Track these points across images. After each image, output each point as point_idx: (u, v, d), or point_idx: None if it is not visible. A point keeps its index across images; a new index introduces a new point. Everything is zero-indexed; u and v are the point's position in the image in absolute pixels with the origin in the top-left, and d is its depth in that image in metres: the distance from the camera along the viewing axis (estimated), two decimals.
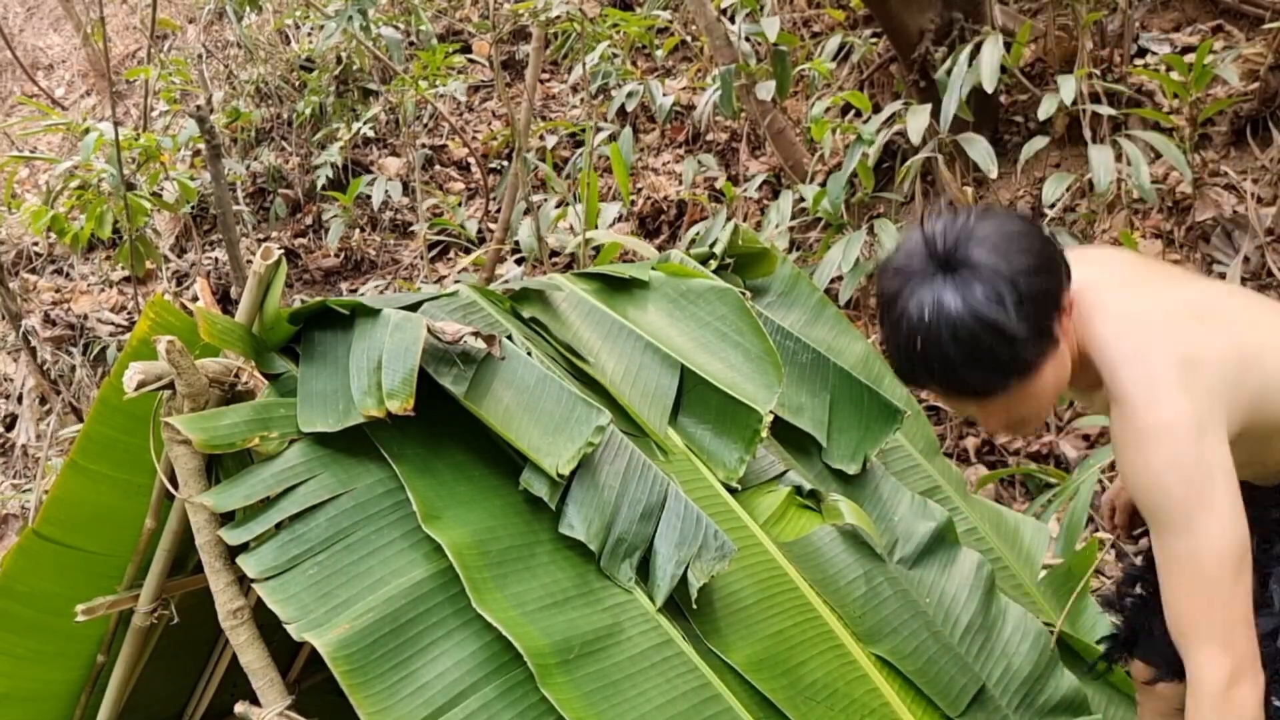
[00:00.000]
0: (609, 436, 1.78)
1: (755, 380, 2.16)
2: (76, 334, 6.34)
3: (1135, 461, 1.36)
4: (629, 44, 6.56)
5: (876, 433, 2.35)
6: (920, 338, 1.34)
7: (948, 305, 1.32)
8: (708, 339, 2.30)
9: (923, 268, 1.35)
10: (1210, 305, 1.51)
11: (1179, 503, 1.34)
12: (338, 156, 6.85)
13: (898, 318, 1.37)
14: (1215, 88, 4.35)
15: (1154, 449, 1.34)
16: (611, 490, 1.74)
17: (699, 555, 1.71)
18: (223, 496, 1.57)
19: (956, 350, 1.33)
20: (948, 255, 1.34)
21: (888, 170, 4.85)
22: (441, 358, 1.78)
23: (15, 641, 1.97)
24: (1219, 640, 1.33)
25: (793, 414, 2.35)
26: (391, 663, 1.46)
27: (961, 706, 1.92)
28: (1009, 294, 1.30)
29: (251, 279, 1.70)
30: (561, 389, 1.78)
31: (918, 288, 1.35)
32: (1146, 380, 1.36)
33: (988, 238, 1.34)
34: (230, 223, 4.78)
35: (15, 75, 9.78)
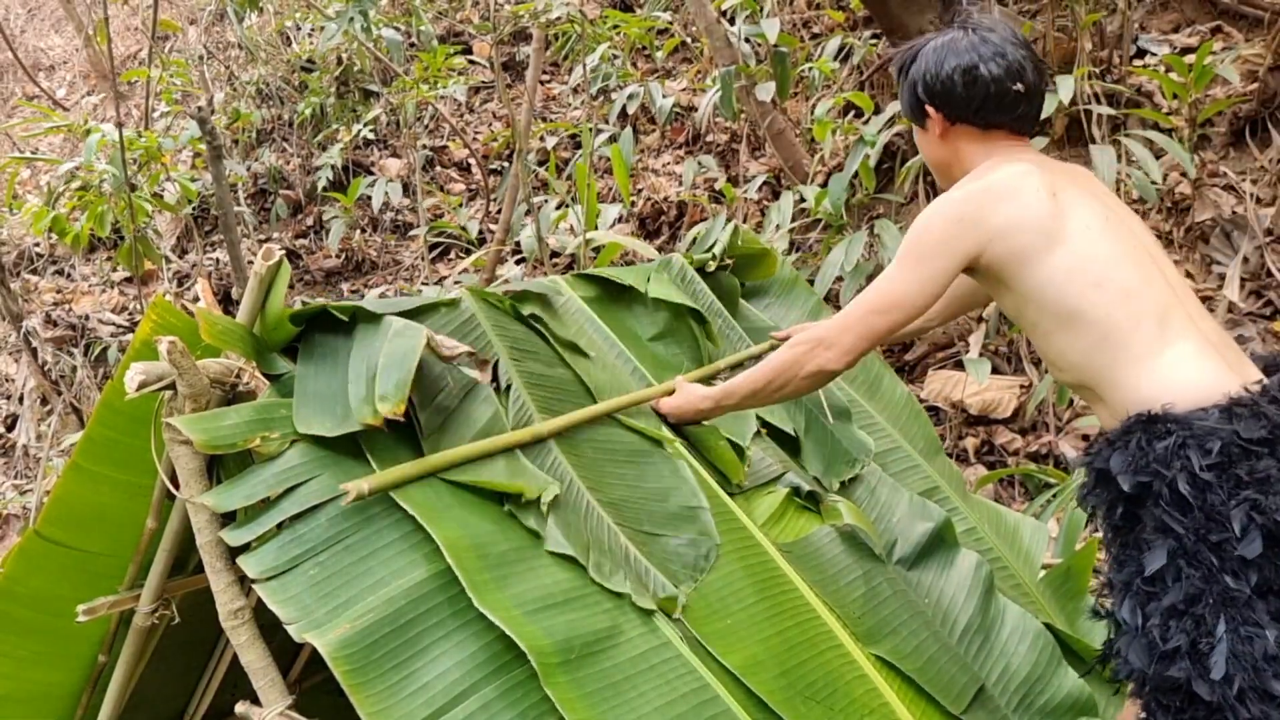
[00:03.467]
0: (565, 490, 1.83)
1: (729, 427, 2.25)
2: (78, 334, 6.35)
3: (925, 210, 1.81)
4: (629, 45, 6.57)
5: (838, 470, 2.39)
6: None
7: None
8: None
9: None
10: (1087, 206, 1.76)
11: (902, 248, 1.81)
12: (338, 158, 6.86)
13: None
14: (1214, 88, 4.35)
15: (926, 213, 1.81)
16: (577, 529, 1.76)
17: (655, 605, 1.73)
18: (224, 497, 1.58)
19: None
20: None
21: (888, 171, 4.85)
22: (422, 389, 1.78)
23: (16, 643, 1.98)
24: (839, 326, 1.85)
25: (779, 422, 2.38)
26: (392, 663, 1.47)
27: (964, 704, 1.92)
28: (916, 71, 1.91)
29: (253, 280, 1.70)
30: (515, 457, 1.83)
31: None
32: (966, 181, 1.82)
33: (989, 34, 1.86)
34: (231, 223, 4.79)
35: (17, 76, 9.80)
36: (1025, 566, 2.52)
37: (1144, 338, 1.63)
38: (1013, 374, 4.25)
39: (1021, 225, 1.71)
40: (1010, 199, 1.72)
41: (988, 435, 4.09)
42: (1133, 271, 1.68)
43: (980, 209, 1.74)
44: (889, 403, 2.77)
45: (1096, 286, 1.66)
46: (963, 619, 2.08)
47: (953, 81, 1.83)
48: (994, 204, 1.73)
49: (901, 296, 1.79)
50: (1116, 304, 1.65)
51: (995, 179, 1.76)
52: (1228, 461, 1.51)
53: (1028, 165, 1.78)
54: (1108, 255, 1.69)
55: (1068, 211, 1.71)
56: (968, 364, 3.84)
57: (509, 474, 1.77)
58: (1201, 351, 1.63)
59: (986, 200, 1.74)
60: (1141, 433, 1.58)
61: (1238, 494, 1.49)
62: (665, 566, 1.80)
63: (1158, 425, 1.57)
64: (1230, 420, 1.54)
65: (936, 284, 1.78)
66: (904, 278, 1.79)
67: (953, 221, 1.75)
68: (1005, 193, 1.73)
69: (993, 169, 1.80)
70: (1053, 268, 1.69)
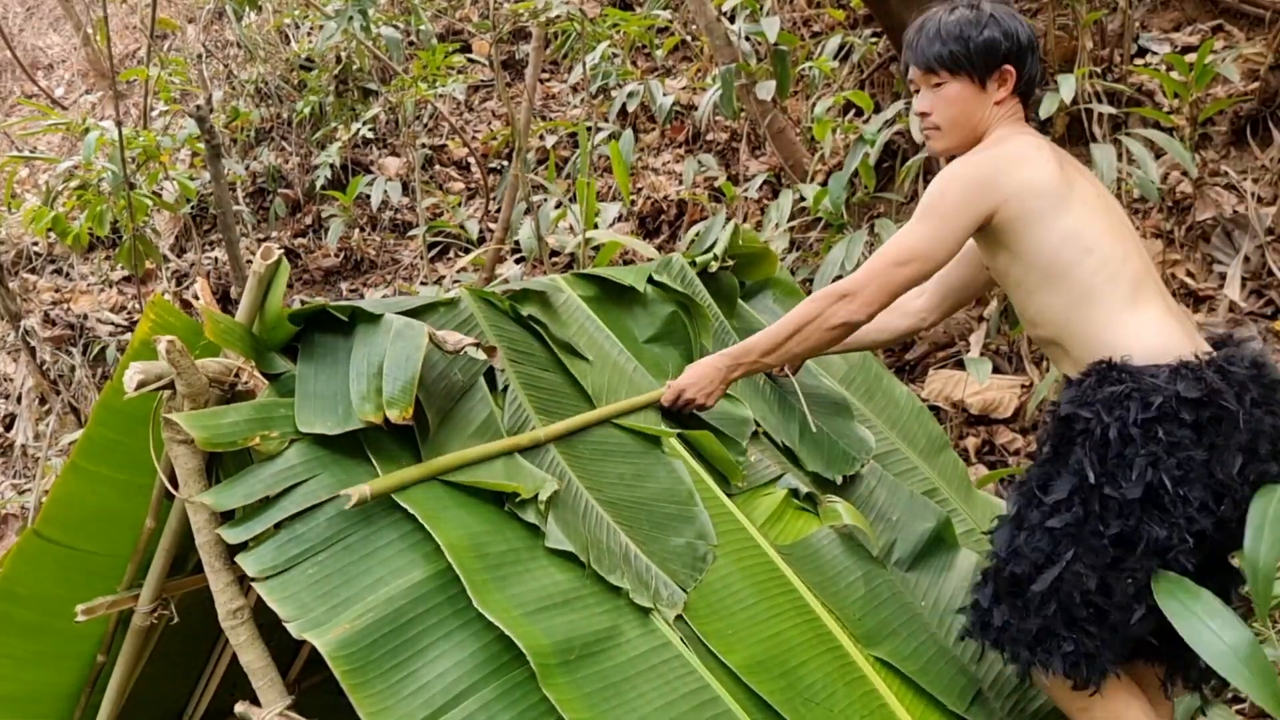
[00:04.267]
0: (563, 490, 1.83)
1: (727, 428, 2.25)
2: (76, 334, 6.34)
3: (945, 170, 1.92)
4: (629, 44, 6.56)
5: (838, 468, 2.37)
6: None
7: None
8: None
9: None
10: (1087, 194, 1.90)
11: (921, 206, 1.91)
12: (336, 156, 6.85)
13: None
14: (1215, 87, 4.35)
15: (945, 174, 1.91)
16: (575, 528, 1.76)
17: (653, 604, 1.72)
18: (222, 496, 1.57)
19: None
20: None
21: (888, 170, 4.85)
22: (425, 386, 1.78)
23: (15, 643, 1.97)
24: (863, 278, 1.93)
25: (772, 431, 2.38)
26: (392, 663, 1.46)
27: (965, 704, 1.92)
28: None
29: (251, 279, 1.70)
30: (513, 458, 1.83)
31: None
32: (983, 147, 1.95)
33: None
34: (230, 222, 4.78)
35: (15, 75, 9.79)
36: None
37: (1118, 300, 1.80)
38: (1014, 373, 4.25)
39: (1035, 190, 1.84)
40: (1027, 165, 1.86)
41: (989, 435, 4.08)
42: (1117, 244, 1.83)
43: (999, 172, 1.86)
44: (888, 403, 2.77)
45: (1086, 252, 1.82)
46: (961, 619, 2.07)
47: (1031, 49, 1.95)
48: (1012, 168, 1.86)
49: (921, 249, 1.90)
50: (1099, 269, 1.81)
51: (1011, 147, 1.90)
52: (1157, 419, 1.68)
53: (1038, 139, 1.93)
54: (1100, 227, 1.84)
55: (1073, 183, 1.87)
56: (968, 363, 3.84)
57: (507, 475, 1.77)
58: (1164, 318, 1.81)
59: (1005, 164, 1.86)
60: (1096, 376, 1.77)
61: (1147, 447, 1.68)
62: (665, 566, 1.80)
63: (1112, 373, 1.75)
64: (1175, 381, 1.70)
65: (955, 239, 1.89)
66: (924, 233, 1.90)
67: (972, 182, 1.87)
68: (1022, 159, 1.87)
69: (1007, 139, 1.93)
70: (1051, 231, 1.83)
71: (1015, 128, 1.97)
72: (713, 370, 2.13)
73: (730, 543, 1.95)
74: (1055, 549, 1.75)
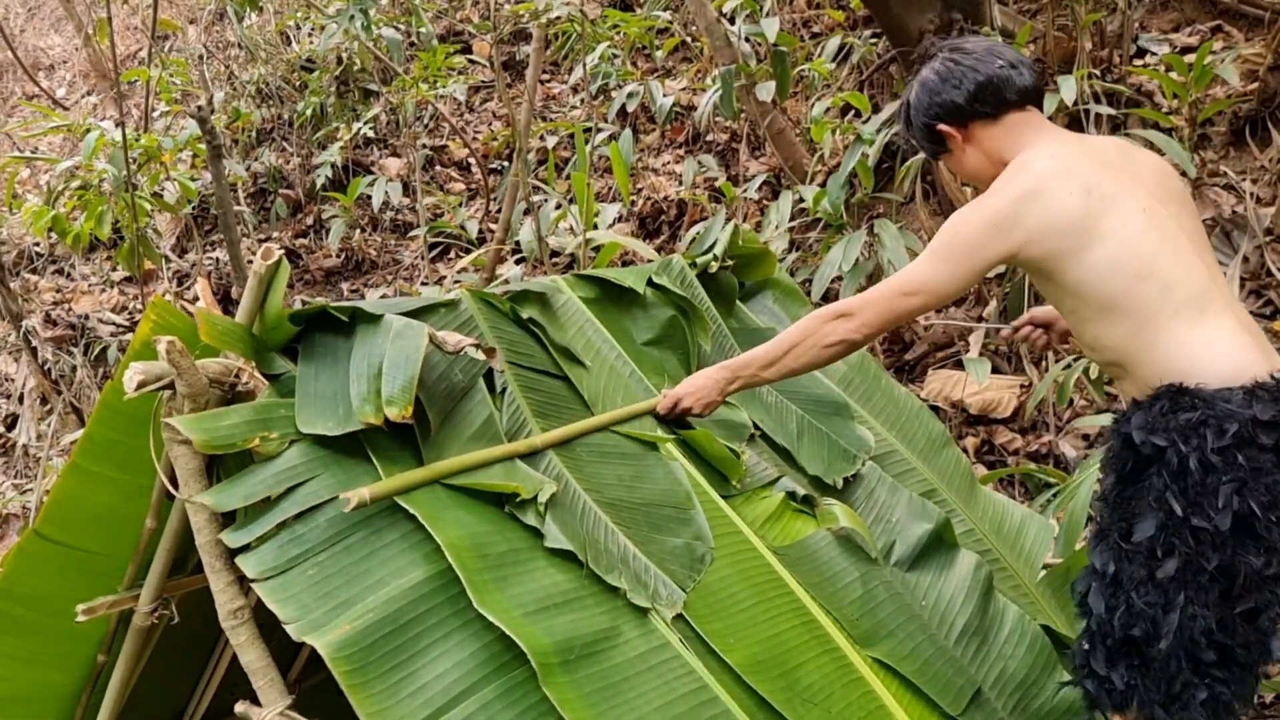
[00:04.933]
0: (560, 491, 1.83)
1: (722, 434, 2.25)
2: (77, 334, 6.35)
3: (963, 208, 1.86)
4: (629, 44, 6.56)
5: (838, 469, 2.38)
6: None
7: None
8: None
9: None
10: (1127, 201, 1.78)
11: (936, 241, 1.86)
12: (337, 156, 6.85)
13: None
14: (1215, 88, 4.35)
15: (964, 211, 1.85)
16: (573, 528, 1.76)
17: (652, 604, 1.73)
18: (223, 497, 1.58)
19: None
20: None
21: (887, 170, 4.85)
22: (427, 386, 1.79)
23: (16, 643, 1.98)
24: (866, 302, 1.91)
25: (770, 433, 2.38)
26: (391, 663, 1.47)
27: (962, 705, 1.92)
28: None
29: (252, 279, 1.70)
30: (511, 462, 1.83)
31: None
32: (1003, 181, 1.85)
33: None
34: (231, 223, 4.79)
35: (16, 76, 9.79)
36: (1025, 567, 2.52)
37: (1182, 320, 1.70)
38: (1013, 373, 4.25)
39: (1054, 228, 1.75)
40: (1043, 203, 1.76)
41: (988, 435, 4.09)
42: (1174, 263, 1.72)
43: (1014, 215, 1.77)
44: (887, 404, 2.77)
45: (1139, 279, 1.71)
46: (960, 621, 2.08)
47: (941, 93, 1.93)
48: (1027, 210, 1.77)
49: (929, 286, 1.86)
50: (1156, 295, 1.71)
51: (1029, 182, 1.79)
52: (1237, 444, 1.61)
53: (1061, 163, 1.80)
54: (1150, 249, 1.72)
55: (1104, 208, 1.74)
56: (968, 363, 3.84)
57: (506, 478, 1.77)
58: (1235, 335, 1.70)
59: (1020, 206, 1.77)
60: (1168, 400, 1.68)
61: (1230, 474, 1.61)
62: (664, 566, 1.80)
63: (1184, 398, 1.67)
64: (1250, 404, 1.63)
65: (965, 281, 1.86)
66: (934, 270, 1.86)
67: (986, 225, 1.80)
68: (1038, 197, 1.77)
69: (1026, 165, 1.83)
70: (1091, 264, 1.74)
71: (1034, 149, 1.87)
72: (710, 381, 2.12)
73: (728, 545, 1.96)
74: (1167, 599, 1.66)
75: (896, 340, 4.58)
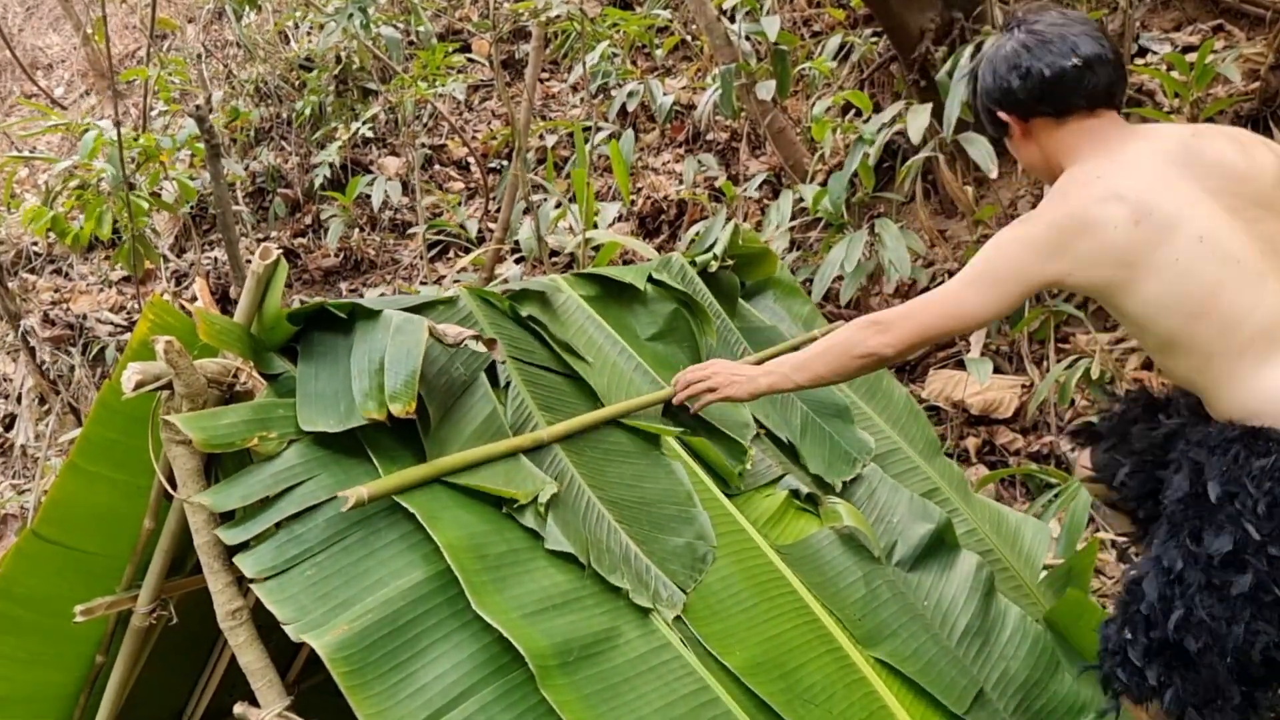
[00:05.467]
0: (565, 488, 1.82)
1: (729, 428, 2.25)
2: (75, 334, 6.34)
3: (1003, 230, 1.79)
4: (629, 43, 6.55)
5: (839, 470, 2.37)
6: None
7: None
8: None
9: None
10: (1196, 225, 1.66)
11: (976, 263, 1.78)
12: (336, 156, 6.84)
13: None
14: (1216, 87, 4.34)
15: (1007, 234, 1.77)
16: (574, 528, 1.76)
17: (653, 604, 1.72)
18: (221, 496, 1.57)
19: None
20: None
21: (888, 170, 4.84)
22: (427, 381, 1.78)
23: (14, 644, 1.97)
24: (902, 317, 1.85)
25: (775, 429, 2.37)
26: (390, 664, 1.46)
27: (966, 705, 1.91)
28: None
29: (250, 279, 1.70)
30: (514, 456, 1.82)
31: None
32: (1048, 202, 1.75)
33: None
34: (229, 222, 4.77)
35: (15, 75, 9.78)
36: (1026, 567, 2.51)
37: (1249, 361, 1.62)
38: (1014, 374, 4.24)
39: (1099, 260, 1.67)
40: (1088, 234, 1.67)
41: (989, 435, 4.08)
42: (1236, 297, 1.61)
43: (1056, 243, 1.69)
44: (888, 404, 2.76)
45: (1194, 318, 1.63)
46: (962, 621, 2.07)
47: (1008, 80, 1.81)
48: (1070, 239, 1.68)
49: (968, 310, 1.80)
50: (1216, 334, 1.62)
51: (1074, 208, 1.70)
52: None
53: (1110, 187, 1.68)
54: (1208, 283, 1.62)
55: (1157, 239, 1.64)
56: (969, 364, 3.83)
57: (507, 477, 1.76)
58: None
59: (1063, 235, 1.69)
60: (1242, 447, 1.62)
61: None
62: (665, 566, 1.80)
63: (1259, 442, 1.61)
64: None
65: (1006, 304, 1.78)
66: (975, 295, 1.78)
67: (1029, 249, 1.72)
68: (1084, 226, 1.67)
69: (1074, 187, 1.73)
70: (1143, 300, 1.66)
71: (1086, 164, 1.75)
72: (744, 379, 2.06)
73: (730, 544, 1.95)
74: (1233, 614, 1.63)
75: None
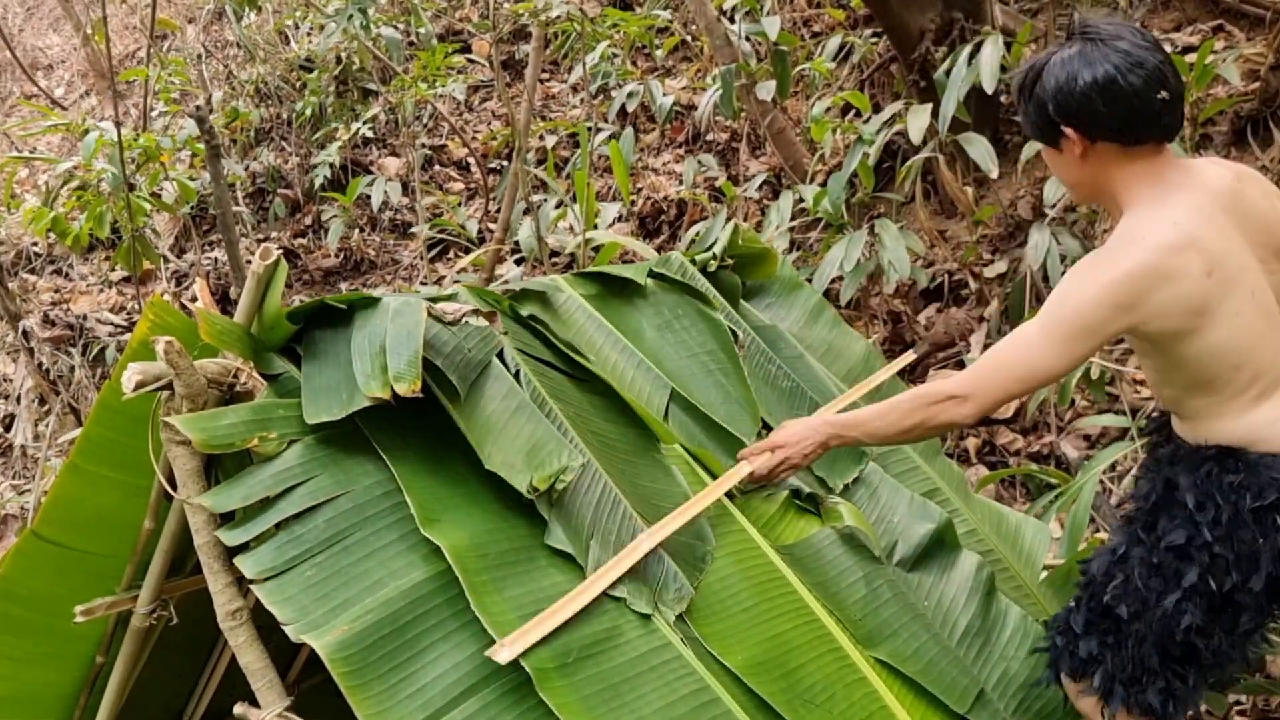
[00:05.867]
0: (583, 469, 1.82)
1: (732, 424, 2.26)
2: (75, 334, 6.33)
3: (1071, 276, 1.75)
4: (629, 44, 6.55)
5: (844, 468, 2.35)
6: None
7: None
8: (694, 370, 2.38)
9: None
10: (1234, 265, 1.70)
11: (1051, 317, 1.74)
12: (336, 156, 6.84)
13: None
14: (1216, 87, 4.34)
15: (1079, 283, 1.71)
16: (584, 519, 1.76)
17: (661, 594, 1.72)
18: (221, 497, 1.57)
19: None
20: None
21: (888, 170, 4.84)
22: (444, 355, 1.78)
23: (14, 643, 1.97)
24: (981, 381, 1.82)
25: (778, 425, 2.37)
26: (390, 665, 1.46)
27: (967, 704, 1.91)
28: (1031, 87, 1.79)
29: (250, 279, 1.70)
30: (539, 417, 1.84)
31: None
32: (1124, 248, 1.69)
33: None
34: (229, 223, 4.77)
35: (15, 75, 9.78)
36: (1027, 567, 2.51)
37: (1248, 397, 1.73)
38: None
39: (1177, 310, 1.66)
40: (1169, 286, 1.65)
41: (989, 435, 4.08)
42: (1264, 351, 1.71)
43: (1137, 294, 1.65)
44: None
45: (1235, 369, 1.71)
46: (963, 621, 2.07)
47: (1090, 97, 1.67)
48: (1150, 290, 1.65)
49: (1045, 369, 1.77)
50: (1245, 381, 1.72)
51: (1153, 257, 1.65)
52: (1272, 506, 1.68)
53: (1186, 235, 1.66)
54: (1253, 339, 1.69)
55: (1223, 293, 1.67)
56: (969, 364, 3.83)
57: (533, 450, 1.75)
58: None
59: (1143, 285, 1.65)
60: (1215, 464, 1.74)
61: (1270, 535, 1.68)
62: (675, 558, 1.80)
63: (1229, 460, 1.74)
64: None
65: (1081, 359, 1.78)
66: (1052, 351, 1.74)
67: (1110, 306, 1.67)
68: (1164, 279, 1.65)
69: (1149, 235, 1.68)
70: (1199, 347, 1.69)
71: (1156, 209, 1.70)
72: (811, 431, 2.03)
73: (730, 543, 1.95)
74: (1165, 588, 1.75)
75: (898, 340, 4.57)
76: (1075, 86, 1.68)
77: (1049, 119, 1.74)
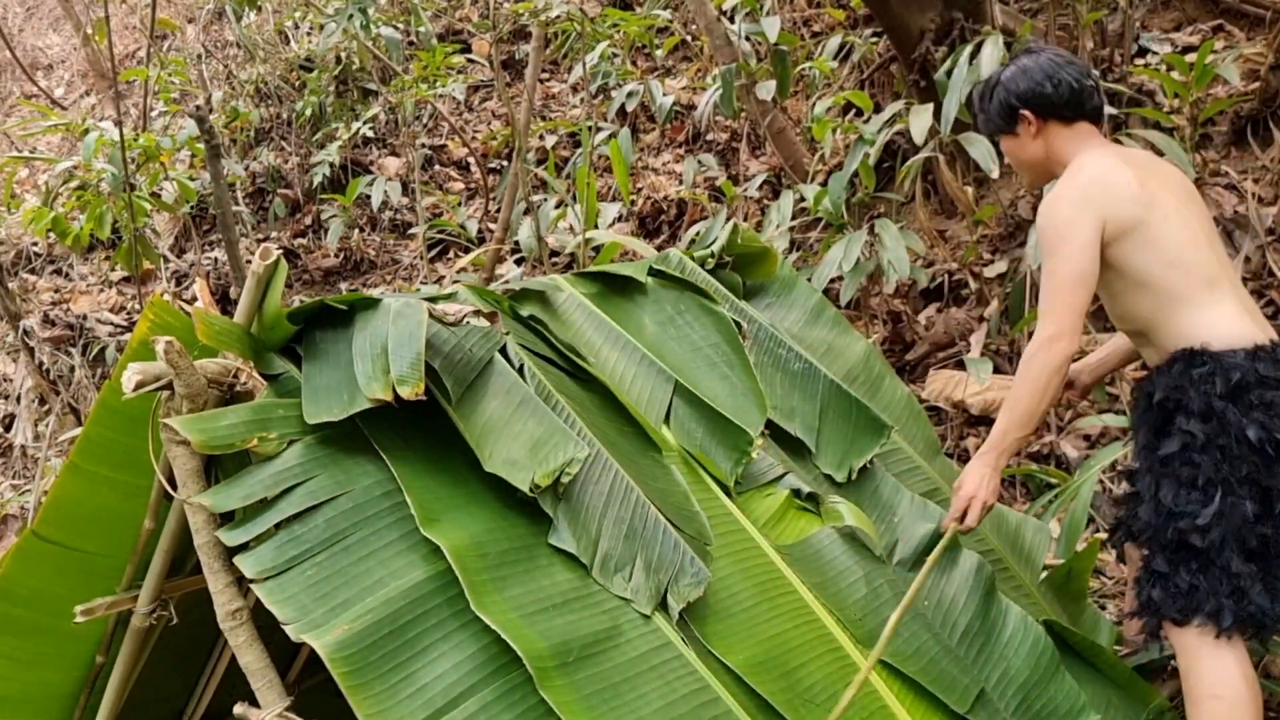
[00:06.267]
0: (592, 459, 1.81)
1: (739, 416, 2.25)
2: (75, 334, 6.33)
3: (1043, 211, 2.13)
4: (629, 44, 6.55)
5: (863, 445, 2.37)
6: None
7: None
8: (698, 364, 2.37)
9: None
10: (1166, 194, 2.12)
11: (1048, 240, 2.10)
12: (335, 156, 6.84)
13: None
14: (1216, 87, 4.34)
15: (1051, 208, 2.12)
16: (595, 510, 1.75)
17: (676, 580, 1.72)
18: (221, 497, 1.57)
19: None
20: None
21: (888, 170, 4.84)
22: (443, 356, 1.78)
23: (14, 644, 1.97)
24: (1052, 316, 2.07)
25: (785, 419, 2.36)
26: (390, 664, 1.46)
27: (968, 704, 1.91)
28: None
29: (250, 280, 1.70)
30: (544, 411, 1.82)
31: None
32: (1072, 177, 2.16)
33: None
34: (229, 223, 4.77)
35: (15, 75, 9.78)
36: (1027, 567, 2.51)
37: (1197, 300, 2.06)
38: (1014, 374, 4.23)
39: (1123, 203, 2.06)
40: (1112, 185, 2.08)
41: None
42: (1195, 254, 2.07)
43: (1085, 196, 2.08)
44: (889, 403, 2.76)
45: (1170, 265, 2.06)
46: (963, 621, 2.07)
47: (1040, 83, 2.21)
48: (1097, 192, 2.08)
49: (1076, 268, 2.05)
50: (1179, 279, 2.06)
51: (1094, 172, 2.12)
52: (1242, 389, 1.97)
53: (1116, 160, 2.14)
54: (1180, 240, 2.07)
55: (1154, 199, 2.08)
56: (969, 364, 3.83)
57: (537, 445, 1.75)
58: (1238, 311, 2.07)
59: (1094, 186, 2.09)
60: (1183, 362, 2.05)
61: (1249, 414, 1.97)
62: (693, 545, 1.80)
63: (1196, 358, 2.03)
64: (1253, 360, 1.99)
65: (1090, 248, 2.06)
66: (1064, 256, 2.06)
67: (1074, 202, 2.08)
68: (1107, 180, 2.09)
69: (1088, 164, 2.15)
70: (1137, 244, 2.06)
71: (1089, 153, 2.18)
72: (984, 468, 2.21)
73: (730, 543, 1.95)
74: (1206, 495, 1.98)
75: (898, 340, 4.58)
76: (1029, 77, 2.22)
77: (1010, 106, 2.25)
